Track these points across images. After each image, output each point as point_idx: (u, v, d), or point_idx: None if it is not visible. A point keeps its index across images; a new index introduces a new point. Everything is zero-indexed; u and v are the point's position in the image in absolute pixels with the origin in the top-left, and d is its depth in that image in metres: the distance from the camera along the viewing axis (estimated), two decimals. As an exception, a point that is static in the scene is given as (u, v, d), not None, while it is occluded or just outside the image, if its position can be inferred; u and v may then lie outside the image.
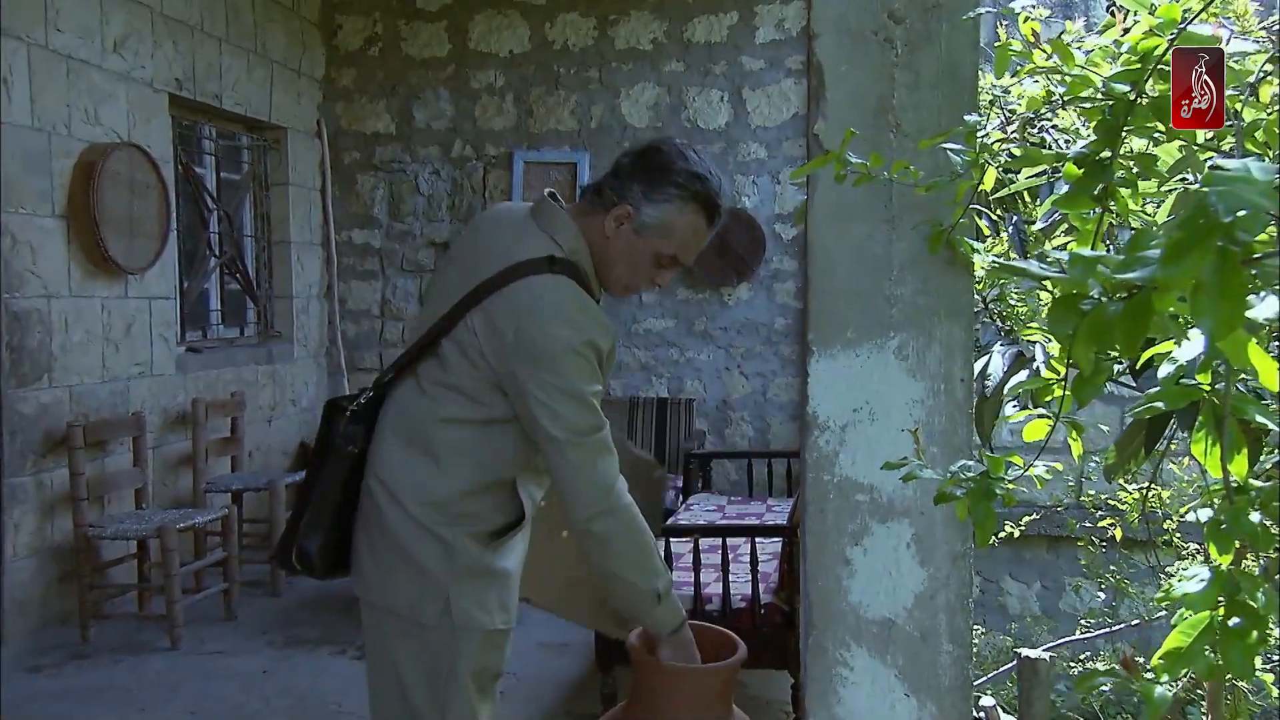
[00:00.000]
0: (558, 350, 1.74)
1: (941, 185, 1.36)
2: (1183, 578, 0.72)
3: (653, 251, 1.87)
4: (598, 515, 1.78)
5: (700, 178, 1.87)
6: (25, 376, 4.22)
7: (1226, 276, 0.48)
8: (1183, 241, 0.48)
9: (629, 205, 1.84)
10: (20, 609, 4.18)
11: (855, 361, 1.81)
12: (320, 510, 1.90)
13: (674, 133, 6.36)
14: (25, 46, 4.26)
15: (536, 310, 1.76)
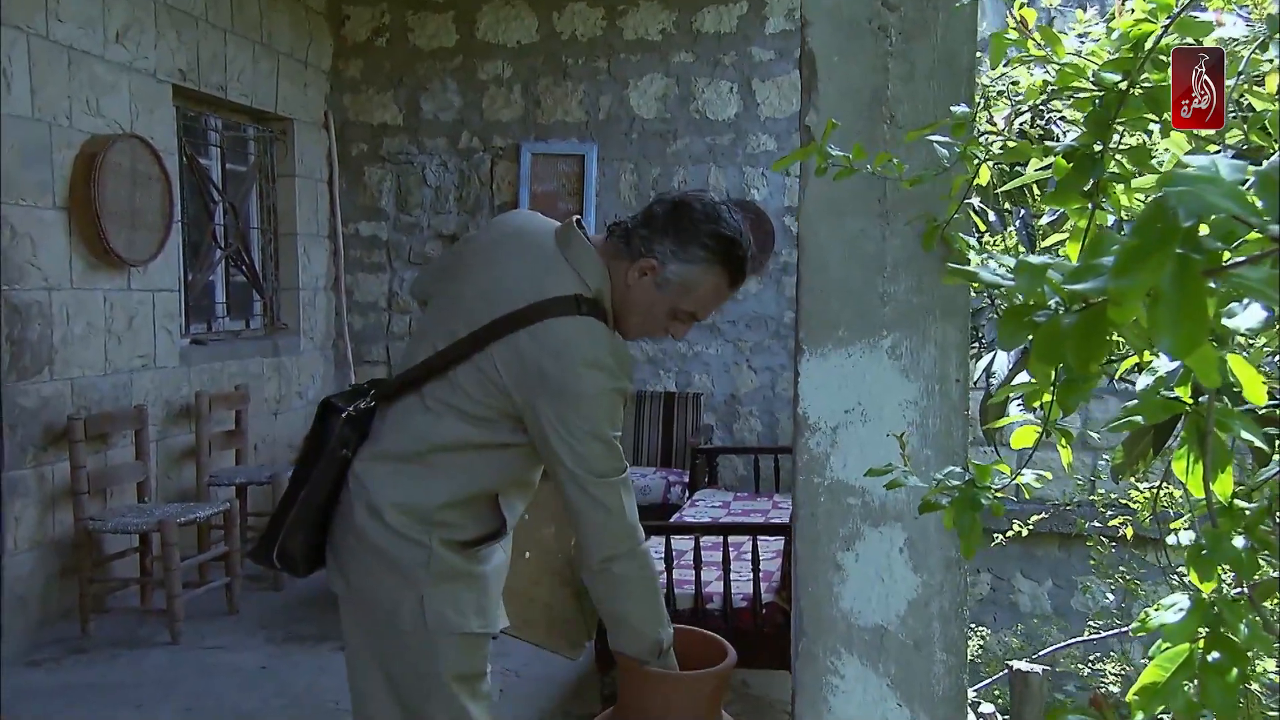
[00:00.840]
0: (586, 393, 1.73)
1: (928, 179, 1.30)
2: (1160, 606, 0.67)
3: (671, 306, 1.86)
4: (620, 557, 1.78)
5: (733, 242, 1.85)
6: (26, 369, 4.21)
7: (1187, 288, 0.43)
8: (1137, 250, 0.43)
9: (655, 260, 1.82)
10: (21, 603, 4.17)
11: (847, 361, 1.76)
12: (306, 510, 1.87)
13: (683, 124, 6.30)
14: (25, 37, 4.23)
15: (567, 354, 1.73)
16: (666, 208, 1.86)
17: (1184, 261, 0.43)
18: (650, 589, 1.83)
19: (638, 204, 6.34)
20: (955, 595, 1.76)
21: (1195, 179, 0.43)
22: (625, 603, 1.81)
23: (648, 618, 1.82)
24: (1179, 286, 0.43)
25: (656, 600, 1.84)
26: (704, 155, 6.29)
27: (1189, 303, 0.42)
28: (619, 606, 1.82)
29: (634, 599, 1.81)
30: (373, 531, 1.80)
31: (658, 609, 1.84)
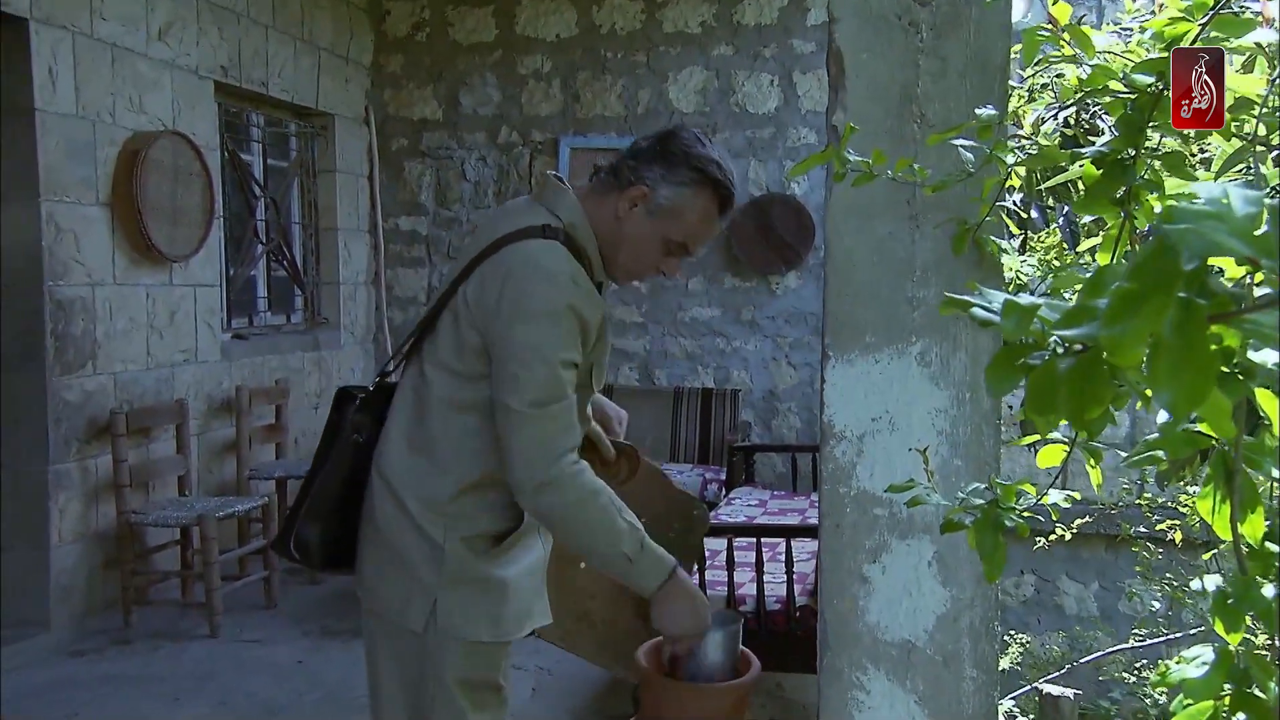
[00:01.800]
0: (538, 309, 1.68)
1: (951, 183, 1.25)
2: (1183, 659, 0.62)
3: (663, 237, 1.82)
4: (541, 488, 1.68)
5: (718, 164, 1.82)
6: (70, 364, 4.26)
7: (1189, 337, 0.38)
8: (1134, 294, 0.38)
9: (646, 186, 1.79)
10: (65, 594, 4.24)
11: (875, 368, 1.71)
12: (320, 499, 1.87)
13: (722, 117, 6.24)
14: (70, 35, 4.28)
15: (523, 269, 1.71)
16: (652, 139, 1.84)
17: (1187, 307, 0.38)
18: (588, 512, 1.70)
19: (677, 198, 6.29)
20: (986, 610, 1.70)
21: (1199, 215, 0.39)
22: (572, 533, 1.74)
23: (599, 538, 1.72)
24: (1181, 335, 0.38)
25: (601, 520, 1.71)
26: (744, 149, 6.22)
27: (1191, 353, 0.38)
28: (569, 538, 1.76)
29: (577, 527, 1.72)
30: (394, 523, 1.78)
31: (607, 526, 1.71)
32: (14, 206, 4.11)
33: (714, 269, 6.28)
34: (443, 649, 1.75)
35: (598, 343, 1.79)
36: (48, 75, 4.16)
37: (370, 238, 6.62)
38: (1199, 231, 0.38)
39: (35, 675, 3.86)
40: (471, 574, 1.75)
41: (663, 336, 6.34)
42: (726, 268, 6.27)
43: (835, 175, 1.29)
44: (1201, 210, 0.39)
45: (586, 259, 1.80)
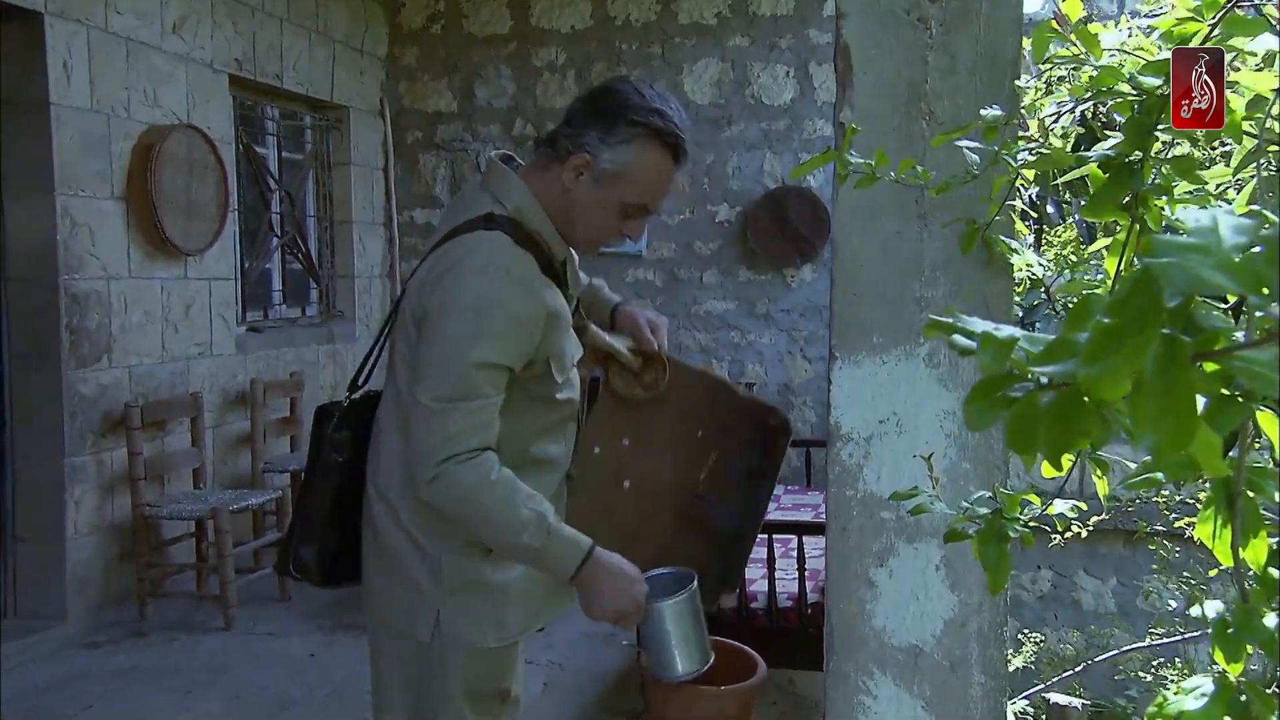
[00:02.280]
0: (464, 303, 1.62)
1: (955, 185, 1.22)
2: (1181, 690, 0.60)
3: (617, 201, 1.71)
4: (426, 484, 1.63)
5: (659, 112, 1.69)
6: (85, 358, 4.28)
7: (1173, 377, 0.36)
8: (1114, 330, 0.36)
9: (586, 153, 1.68)
10: (81, 586, 4.26)
11: (882, 369, 1.68)
12: (312, 520, 1.83)
13: (737, 110, 6.20)
14: (85, 29, 4.29)
15: (459, 263, 1.65)
16: (586, 98, 1.74)
17: (1170, 345, 0.36)
18: (482, 501, 1.62)
19: (692, 192, 6.27)
20: (995, 615, 1.68)
21: (1183, 247, 0.36)
22: (472, 527, 1.66)
23: (497, 530, 1.63)
24: (1163, 375, 0.36)
25: (496, 510, 1.62)
26: (759, 141, 6.19)
27: (1175, 395, 0.36)
28: (472, 530, 1.67)
29: (472, 520, 1.64)
30: (391, 533, 1.75)
31: (504, 517, 1.62)
32: (29, 200, 4.13)
33: (729, 262, 6.25)
34: (446, 659, 1.73)
35: (551, 331, 1.69)
36: (62, 69, 4.17)
37: (385, 230, 6.63)
38: (1182, 265, 0.36)
39: (51, 667, 3.89)
40: (471, 580, 1.73)
41: (677, 330, 6.32)
42: (741, 260, 6.24)
43: (839, 178, 1.26)
44: (1185, 242, 0.37)
45: (539, 243, 1.71)
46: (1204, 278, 0.35)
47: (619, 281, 6.32)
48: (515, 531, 1.62)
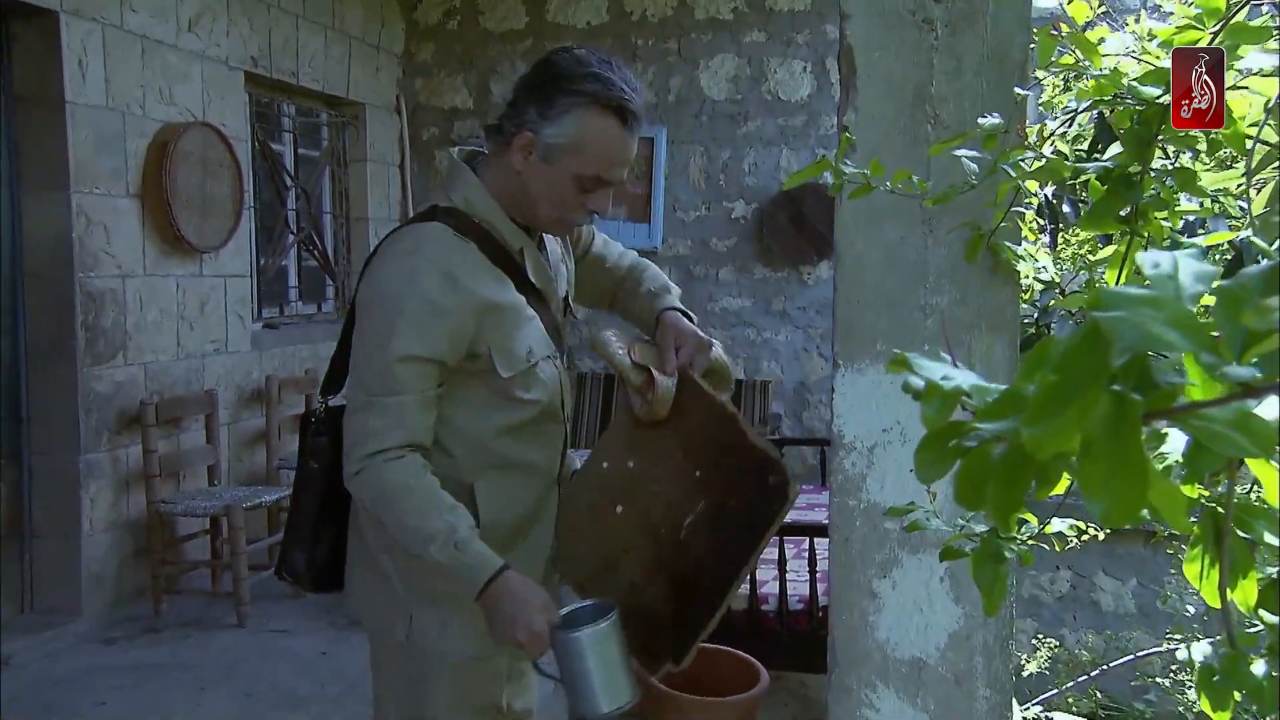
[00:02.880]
0: (384, 294, 1.59)
1: (953, 196, 1.19)
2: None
3: (570, 175, 1.63)
4: (352, 477, 1.61)
5: (595, 77, 1.61)
6: (100, 355, 4.30)
7: (1123, 438, 0.33)
8: (1059, 388, 0.34)
9: (529, 131, 1.61)
10: (97, 582, 4.29)
11: (885, 377, 1.65)
12: (299, 527, 1.82)
13: (754, 105, 6.15)
14: (100, 28, 4.30)
15: (382, 254, 1.65)
16: (523, 76, 1.68)
17: (1120, 404, 0.34)
18: (396, 507, 1.58)
19: (708, 188, 6.24)
20: (1000, 628, 1.65)
21: (1134, 300, 0.34)
22: (386, 525, 1.61)
23: (411, 537, 1.58)
24: (1112, 436, 0.33)
25: (414, 517, 1.57)
26: (776, 137, 6.14)
27: (1124, 457, 0.33)
28: (387, 530, 1.62)
29: (389, 520, 1.60)
30: (372, 536, 1.73)
31: (419, 526, 1.56)
32: (45, 198, 4.15)
33: (745, 259, 6.21)
34: (425, 674, 1.70)
35: (491, 323, 1.63)
36: (78, 67, 4.18)
37: (401, 227, 6.62)
38: (1131, 320, 0.33)
39: (65, 663, 3.92)
40: (445, 589, 1.67)
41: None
42: (758, 258, 6.20)
43: (833, 188, 1.23)
44: (1136, 294, 0.34)
45: (490, 233, 1.66)
46: (1154, 334, 0.33)
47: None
48: (424, 542, 1.57)
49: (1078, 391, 0.33)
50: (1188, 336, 0.33)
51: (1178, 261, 0.37)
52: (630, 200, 6.30)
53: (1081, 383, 0.33)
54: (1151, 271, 0.36)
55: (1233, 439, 0.35)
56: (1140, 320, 0.33)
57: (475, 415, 1.67)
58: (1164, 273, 0.36)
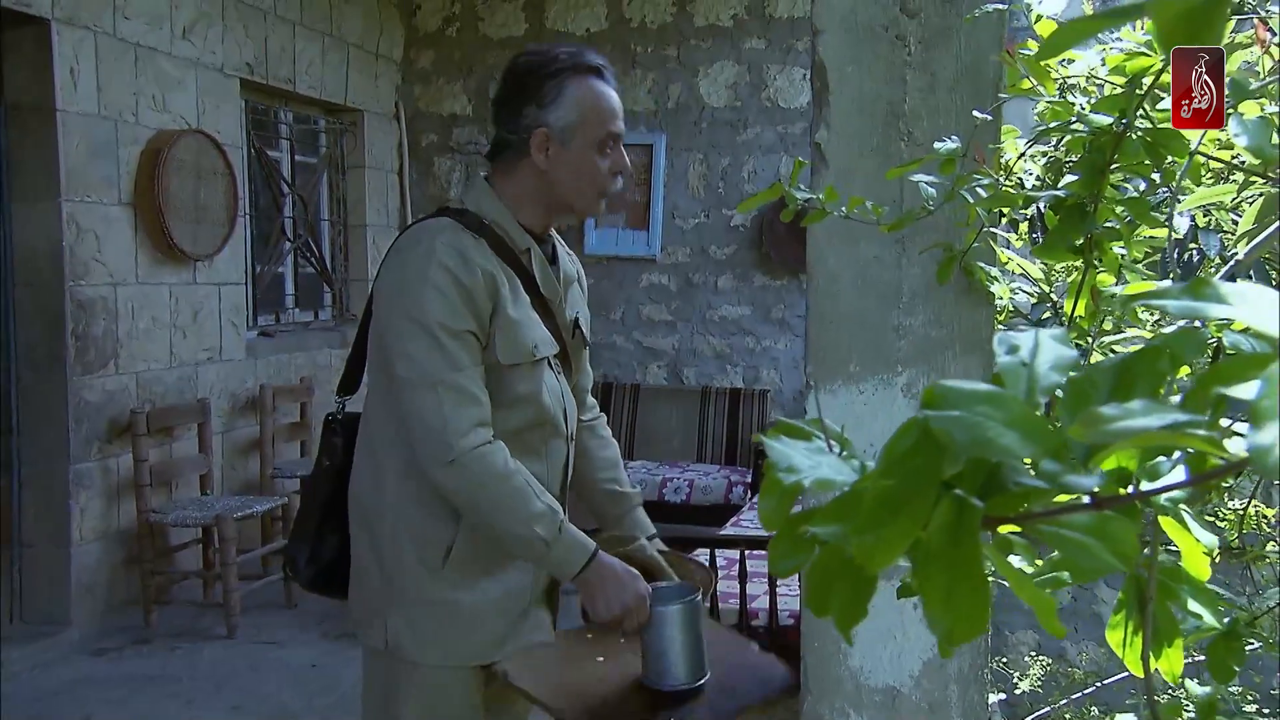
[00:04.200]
0: (411, 277, 1.64)
1: (908, 222, 1.16)
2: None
3: (591, 145, 1.73)
4: (443, 466, 1.60)
5: (562, 54, 1.75)
6: (90, 364, 4.29)
7: (961, 548, 0.30)
8: (891, 494, 0.31)
9: (541, 127, 1.70)
10: (87, 592, 4.27)
11: (859, 399, 1.62)
12: (304, 522, 1.86)
13: (754, 113, 6.12)
14: (93, 35, 4.29)
15: (405, 245, 1.69)
16: (501, 91, 1.77)
17: (960, 510, 0.31)
18: (497, 492, 1.61)
19: (707, 195, 6.21)
20: (976, 657, 1.61)
21: (972, 397, 0.30)
22: (480, 513, 1.64)
23: (511, 519, 1.62)
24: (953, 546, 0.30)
25: (514, 501, 1.61)
26: (775, 144, 6.11)
27: (965, 571, 0.30)
28: (477, 518, 1.65)
29: (485, 508, 1.62)
30: (359, 538, 1.76)
31: (521, 508, 1.61)
32: (35, 207, 4.13)
33: (744, 266, 6.18)
34: (396, 676, 1.70)
35: (500, 300, 1.68)
36: (69, 75, 4.17)
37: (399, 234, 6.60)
38: (966, 422, 0.30)
39: (55, 673, 3.90)
40: (426, 596, 1.68)
41: (692, 335, 6.26)
42: (757, 265, 6.17)
43: (784, 215, 1.20)
44: (973, 392, 0.31)
45: (497, 233, 1.72)
46: (989, 439, 0.29)
47: (634, 286, 6.27)
48: (528, 522, 1.61)
49: (910, 498, 0.30)
50: (1028, 440, 0.29)
51: (1039, 344, 0.33)
52: (629, 207, 6.27)
53: (916, 488, 0.30)
54: (1004, 359, 0.33)
55: (1089, 549, 0.31)
56: (975, 422, 0.30)
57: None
58: (1017, 360, 0.33)
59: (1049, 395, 0.32)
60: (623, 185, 1.85)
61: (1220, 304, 0.30)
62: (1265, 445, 0.24)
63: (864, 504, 0.31)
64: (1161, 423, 0.27)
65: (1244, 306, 0.29)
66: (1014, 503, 0.31)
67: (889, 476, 0.31)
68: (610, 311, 6.32)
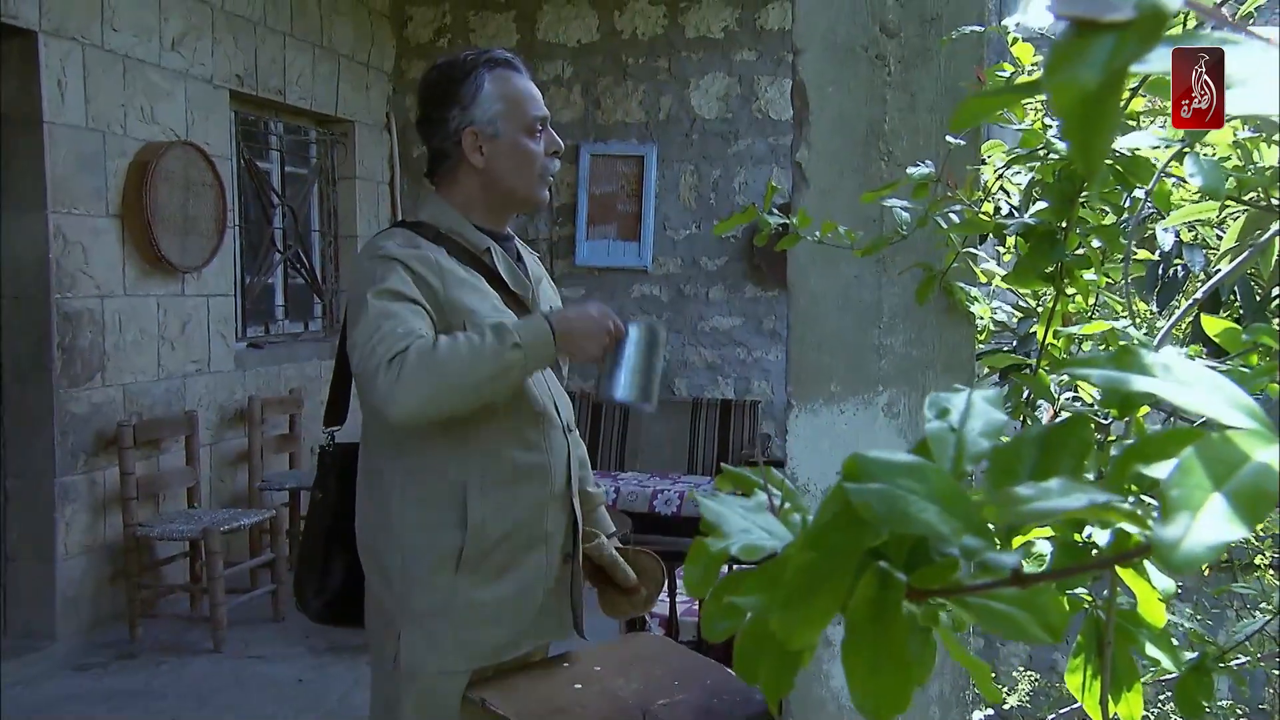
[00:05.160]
0: (362, 277, 1.66)
1: (880, 247, 1.15)
2: None
3: (522, 131, 1.76)
4: (386, 395, 1.55)
5: (470, 56, 1.80)
6: (76, 376, 4.26)
7: (886, 626, 0.29)
8: (813, 568, 0.30)
9: (467, 127, 1.74)
10: (72, 606, 4.24)
11: (839, 419, 1.61)
12: (308, 555, 1.87)
13: (744, 124, 6.13)
14: (80, 47, 4.28)
15: (360, 257, 1.73)
16: (422, 105, 1.82)
17: (883, 583, 0.30)
18: (446, 357, 1.56)
19: (698, 206, 6.21)
20: (956, 678, 1.60)
21: (893, 469, 0.29)
22: (457, 389, 1.57)
23: (479, 365, 1.57)
24: (876, 621, 0.29)
25: (462, 351, 1.57)
26: (766, 156, 6.11)
27: (888, 647, 0.29)
28: (461, 395, 1.58)
29: (451, 380, 1.56)
30: (367, 562, 1.76)
31: (472, 352, 1.57)
32: (21, 219, 4.11)
33: (735, 278, 6.18)
34: (404, 685, 1.70)
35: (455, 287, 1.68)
36: (56, 87, 4.16)
37: (390, 245, 6.59)
38: (886, 496, 0.29)
39: (39, 689, 3.86)
40: (438, 603, 1.69)
41: (683, 346, 6.25)
42: (748, 276, 6.17)
43: (757, 239, 1.19)
44: (895, 463, 0.30)
45: (455, 240, 1.75)
46: (909, 513, 0.28)
47: (624, 297, 6.27)
48: (494, 354, 1.57)
49: (832, 573, 0.29)
50: (949, 515, 0.28)
51: (970, 408, 0.32)
52: (620, 219, 6.27)
53: (837, 563, 0.29)
54: (932, 425, 0.32)
55: (1016, 622, 0.30)
56: (896, 495, 0.29)
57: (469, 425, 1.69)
58: (946, 425, 0.32)
59: (977, 463, 0.31)
60: (558, 165, 1.89)
61: (1144, 376, 0.29)
62: (1169, 540, 0.24)
63: (786, 580, 0.30)
64: (1079, 503, 0.27)
65: (1168, 381, 0.29)
66: (940, 574, 0.31)
67: (812, 549, 0.30)
68: (601, 323, 6.31)
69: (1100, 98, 0.23)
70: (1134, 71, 0.24)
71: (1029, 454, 0.31)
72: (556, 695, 1.77)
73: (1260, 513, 0.23)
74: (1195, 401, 0.28)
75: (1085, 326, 0.83)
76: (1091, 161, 0.25)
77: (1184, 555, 0.23)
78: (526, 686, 1.78)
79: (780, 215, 1.16)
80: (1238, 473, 0.24)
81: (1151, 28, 0.24)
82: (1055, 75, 0.24)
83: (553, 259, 6.37)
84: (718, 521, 0.33)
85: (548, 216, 6.36)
